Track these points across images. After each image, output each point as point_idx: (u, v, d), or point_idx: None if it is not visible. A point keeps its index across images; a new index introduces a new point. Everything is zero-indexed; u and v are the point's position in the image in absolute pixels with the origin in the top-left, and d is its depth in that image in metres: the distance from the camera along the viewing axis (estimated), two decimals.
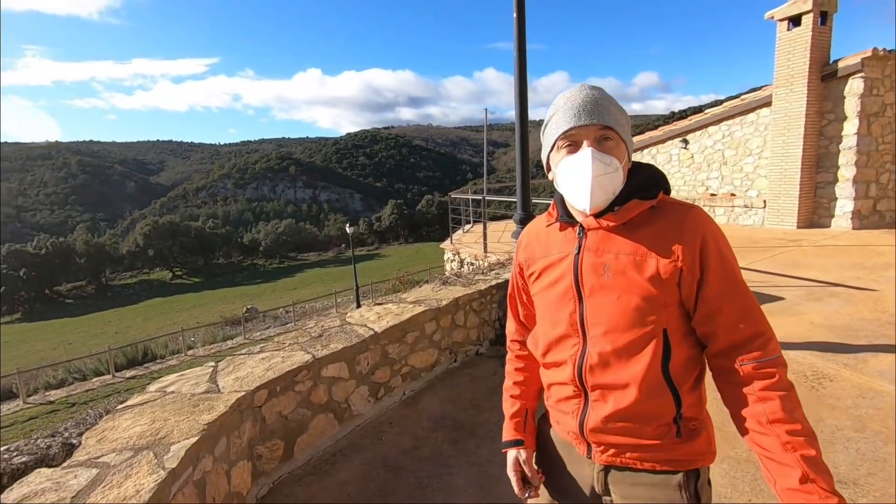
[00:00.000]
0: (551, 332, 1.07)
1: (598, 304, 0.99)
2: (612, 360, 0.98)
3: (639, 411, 0.96)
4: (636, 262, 0.97)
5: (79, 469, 1.74)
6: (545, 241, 1.13)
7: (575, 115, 0.97)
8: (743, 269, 4.06)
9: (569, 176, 0.99)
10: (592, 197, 0.96)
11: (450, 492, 2.32)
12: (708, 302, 0.95)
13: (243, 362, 2.69)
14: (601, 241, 1.01)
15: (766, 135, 9.08)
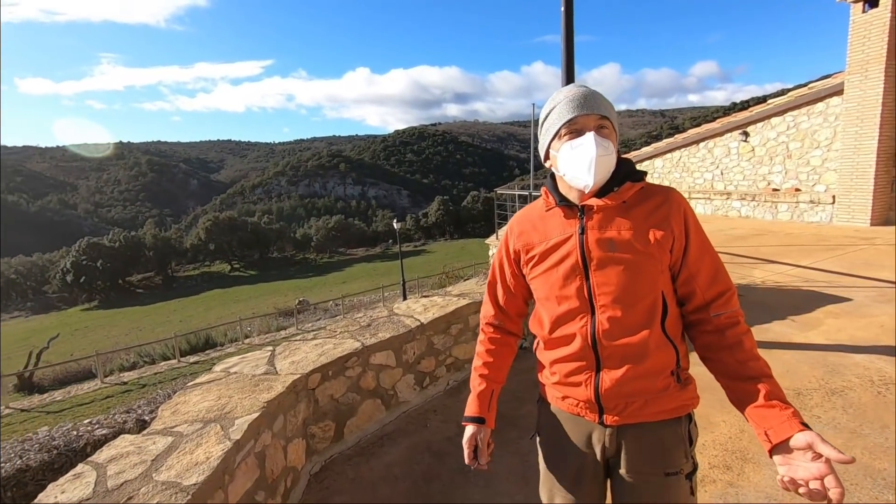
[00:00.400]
0: (557, 309, 1.17)
1: (606, 276, 1.11)
2: (622, 326, 1.09)
3: (649, 367, 1.09)
4: (638, 236, 1.10)
5: (156, 437, 1.94)
6: (541, 227, 1.22)
7: (577, 106, 1.11)
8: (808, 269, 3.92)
9: (574, 157, 1.11)
10: (595, 174, 1.09)
11: (490, 479, 2.38)
12: (690, 266, 1.13)
13: (298, 347, 2.87)
14: (603, 219, 1.13)
15: (837, 126, 8.48)
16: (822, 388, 3.01)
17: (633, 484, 1.13)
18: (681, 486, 1.12)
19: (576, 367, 1.15)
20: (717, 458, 2.41)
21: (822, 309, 4.39)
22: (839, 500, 0.87)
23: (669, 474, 1.11)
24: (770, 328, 4.05)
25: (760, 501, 2.09)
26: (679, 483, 1.12)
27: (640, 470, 1.13)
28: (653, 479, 1.12)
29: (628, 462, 1.14)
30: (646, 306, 1.09)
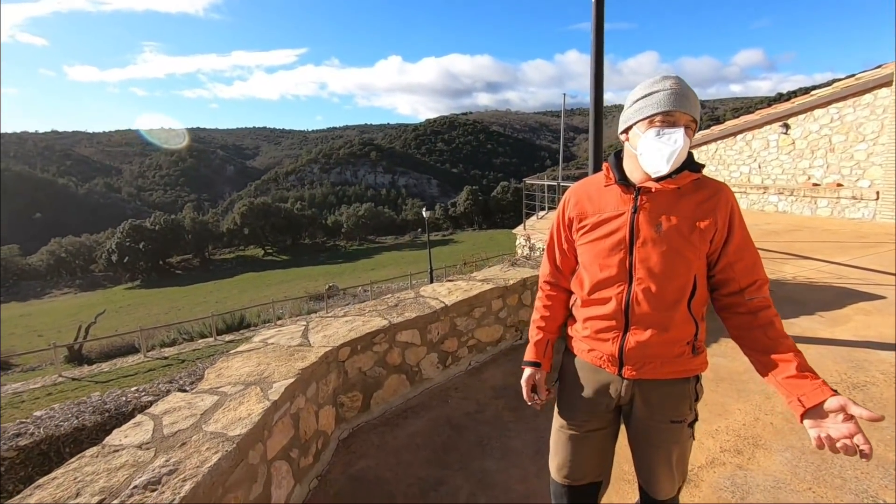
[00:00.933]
0: (599, 274, 1.32)
1: (648, 254, 1.25)
2: (654, 299, 1.25)
3: (670, 337, 1.26)
4: (685, 222, 1.24)
5: (204, 395, 2.15)
6: (597, 199, 1.35)
7: (677, 101, 1.19)
8: (842, 266, 3.97)
9: (658, 145, 1.20)
10: (672, 165, 1.19)
11: (506, 452, 2.52)
12: (730, 255, 1.26)
13: (330, 323, 3.06)
14: (656, 202, 1.26)
15: (884, 118, 8.12)
16: (844, 381, 3.02)
17: (645, 429, 1.35)
18: (683, 432, 1.34)
19: (606, 325, 1.31)
20: (729, 443, 2.47)
21: (853, 306, 4.32)
22: (869, 453, 1.01)
23: (675, 422, 1.32)
24: (796, 323, 4.03)
25: (768, 484, 2.16)
26: (682, 429, 1.33)
27: (649, 417, 1.33)
28: (661, 426, 1.33)
29: (640, 410, 1.34)
30: (678, 285, 1.25)
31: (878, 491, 2.07)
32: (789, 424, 2.60)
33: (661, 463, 1.35)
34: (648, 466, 1.38)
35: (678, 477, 1.39)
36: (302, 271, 53.00)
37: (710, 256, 1.27)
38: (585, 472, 1.42)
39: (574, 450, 1.42)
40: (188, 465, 1.61)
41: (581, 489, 1.43)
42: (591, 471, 1.43)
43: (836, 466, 2.24)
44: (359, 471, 2.44)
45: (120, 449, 1.74)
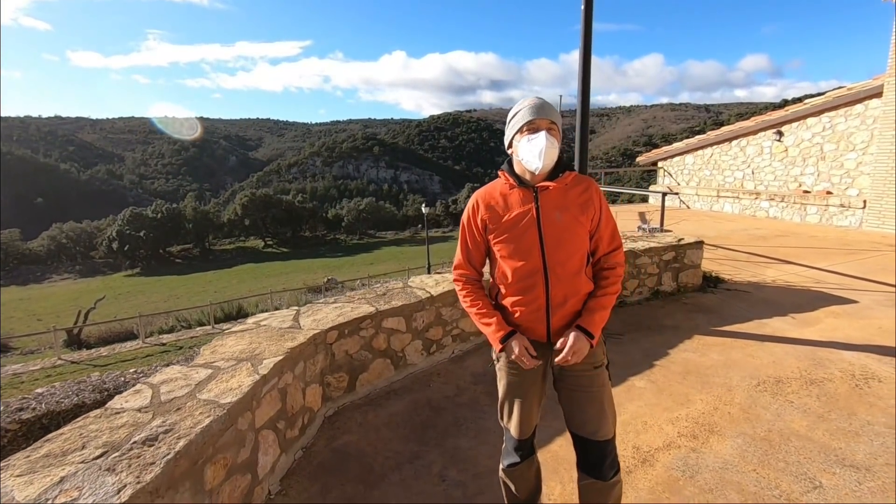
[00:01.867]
0: (519, 263, 1.60)
1: (554, 237, 1.57)
2: (567, 273, 1.58)
3: (579, 299, 1.62)
4: (576, 210, 1.59)
5: (199, 368, 2.33)
6: (503, 202, 1.64)
7: (535, 112, 1.57)
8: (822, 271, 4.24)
9: (530, 147, 1.55)
10: (543, 160, 1.52)
11: (480, 431, 2.71)
12: (600, 230, 1.65)
13: (320, 309, 3.24)
14: (550, 197, 1.60)
15: (874, 129, 8.28)
16: (803, 377, 3.20)
17: (575, 379, 1.64)
18: (603, 374, 1.65)
19: (533, 306, 1.60)
20: (686, 429, 2.66)
21: (825, 309, 4.50)
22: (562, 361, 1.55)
23: (596, 367, 1.63)
24: (768, 323, 4.20)
25: (717, 465, 2.34)
26: (602, 372, 1.65)
27: (577, 367, 1.62)
28: (587, 372, 1.63)
29: (568, 366, 1.61)
30: (579, 257, 1.60)
31: (817, 473, 2.26)
32: (745, 414, 2.79)
33: (596, 404, 1.62)
34: (586, 411, 1.62)
35: (612, 422, 1.64)
36: (301, 263, 53.20)
37: (591, 232, 1.64)
38: (532, 423, 1.73)
39: (524, 411, 1.69)
40: (182, 426, 1.79)
41: (530, 437, 1.75)
42: (535, 420, 1.74)
43: (781, 452, 2.42)
44: (341, 445, 2.63)
45: (121, 411, 1.92)
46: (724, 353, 3.62)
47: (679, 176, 13.31)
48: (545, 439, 2.51)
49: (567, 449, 2.44)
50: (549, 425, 2.47)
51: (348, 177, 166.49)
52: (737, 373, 3.30)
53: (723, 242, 7.54)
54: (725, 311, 4.52)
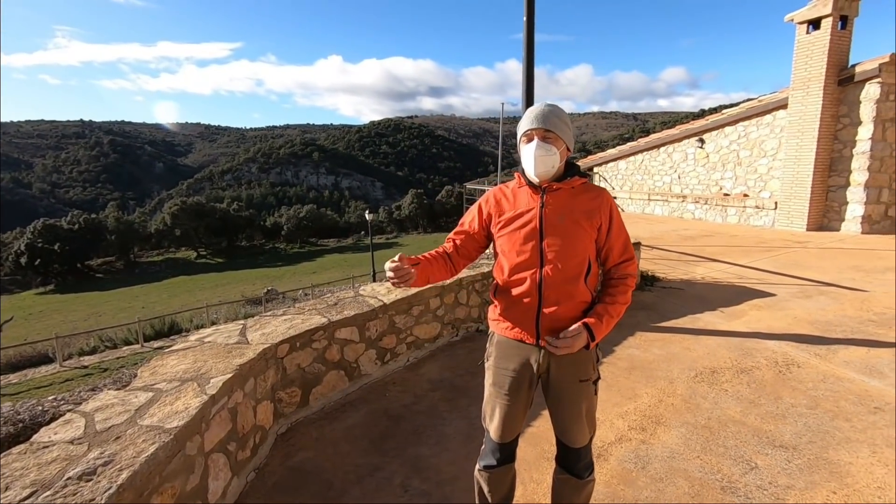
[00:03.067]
0: (516, 259, 1.63)
1: (554, 240, 1.59)
2: (561, 276, 1.58)
3: (573, 306, 1.59)
4: (580, 215, 1.59)
5: (138, 392, 2.16)
6: (512, 198, 1.71)
7: (532, 121, 1.60)
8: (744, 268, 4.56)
9: (526, 154, 1.61)
10: (537, 167, 1.57)
11: (440, 438, 2.70)
12: (610, 240, 1.65)
13: (268, 322, 3.11)
14: (557, 200, 1.62)
15: (782, 137, 9.14)
16: (734, 367, 3.45)
17: (559, 389, 1.63)
18: (590, 389, 1.65)
19: (525, 302, 1.61)
20: (635, 422, 2.79)
21: (749, 302, 4.89)
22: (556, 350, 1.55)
23: (582, 381, 1.62)
24: (701, 318, 4.51)
25: (665, 455, 2.47)
26: (588, 387, 1.64)
27: (563, 378, 1.62)
28: (572, 385, 1.62)
29: (555, 374, 1.63)
30: (577, 263, 1.59)
31: (752, 455, 2.44)
32: (687, 405, 2.97)
33: (576, 417, 1.64)
34: (564, 420, 1.66)
35: (589, 428, 1.68)
36: (238, 274, 50.79)
37: (598, 242, 1.64)
38: (515, 428, 1.72)
39: (508, 414, 1.68)
40: (124, 457, 1.65)
41: (510, 443, 1.74)
42: (519, 425, 1.73)
43: (720, 437, 2.60)
44: (297, 462, 2.53)
45: (50, 445, 1.74)
46: (664, 348, 3.84)
47: (613, 181, 14.03)
48: None
49: (527, 450, 2.49)
50: None
51: (287, 183, 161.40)
52: (677, 366, 3.51)
53: (656, 243, 8.02)
54: (662, 308, 4.80)
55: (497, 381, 1.70)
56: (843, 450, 2.46)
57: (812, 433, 2.61)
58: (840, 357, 3.56)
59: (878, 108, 7.80)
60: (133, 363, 13.30)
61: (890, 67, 7.69)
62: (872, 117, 7.84)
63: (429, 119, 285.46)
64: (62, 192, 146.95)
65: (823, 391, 3.07)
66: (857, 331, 4.07)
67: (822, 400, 2.96)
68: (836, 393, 3.04)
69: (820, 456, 2.42)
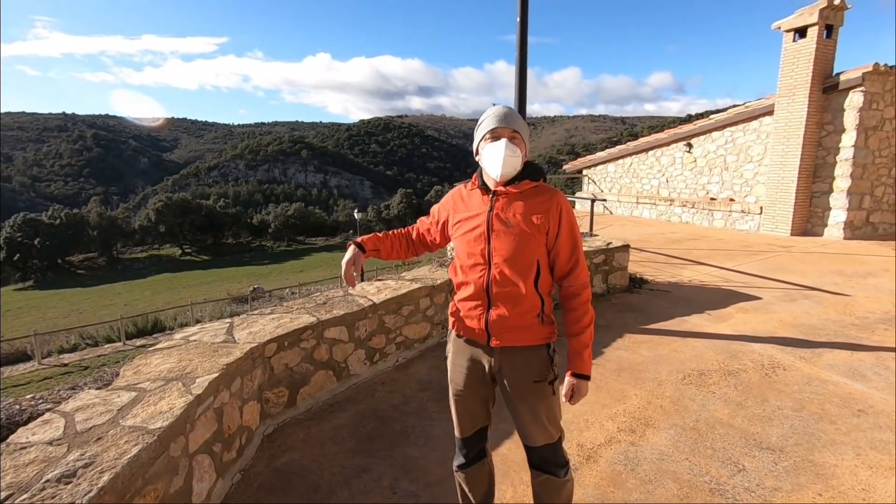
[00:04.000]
0: (467, 261, 1.66)
1: (501, 243, 1.59)
2: (507, 279, 1.59)
3: (522, 309, 1.59)
4: (527, 218, 1.58)
5: (121, 391, 2.11)
6: (466, 200, 1.73)
7: (499, 120, 1.61)
8: (730, 271, 4.58)
9: (491, 154, 1.59)
10: (503, 167, 1.57)
11: (429, 439, 2.68)
12: (558, 245, 1.62)
13: (256, 320, 3.06)
14: (506, 203, 1.62)
15: (768, 143, 9.28)
16: (722, 369, 3.48)
17: (513, 389, 1.64)
18: (544, 388, 1.63)
19: (474, 304, 1.64)
20: (624, 424, 2.79)
21: (735, 305, 4.94)
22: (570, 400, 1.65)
23: (537, 381, 1.63)
24: (688, 320, 4.55)
25: (654, 457, 2.47)
26: (544, 387, 1.63)
27: (515, 379, 1.64)
28: (525, 386, 1.63)
29: (507, 374, 1.64)
30: (524, 267, 1.59)
31: (740, 457, 2.46)
32: (675, 406, 2.98)
33: (530, 416, 1.64)
34: (521, 420, 1.67)
35: (552, 429, 1.67)
36: (224, 272, 50.18)
37: (548, 246, 1.63)
38: (475, 423, 1.75)
39: (463, 409, 1.73)
40: (105, 458, 1.60)
41: (473, 436, 1.77)
42: (479, 421, 1.76)
43: (708, 440, 2.62)
44: (283, 463, 2.48)
45: (28, 446, 1.68)
46: (652, 350, 3.87)
47: (602, 183, 14.12)
48: (494, 443, 2.53)
49: (516, 452, 2.48)
50: (497, 427, 2.48)
51: (274, 181, 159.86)
52: (665, 367, 3.53)
53: (644, 245, 8.08)
54: (650, 310, 4.83)
55: (453, 378, 1.74)
56: (828, 452, 2.49)
57: (798, 435, 2.64)
58: (824, 360, 3.61)
59: (861, 116, 7.95)
60: (115, 362, 13.05)
61: (873, 77, 7.85)
62: (856, 125, 8.00)
63: (419, 119, 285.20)
64: (43, 186, 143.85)
65: (808, 394, 3.11)
66: (840, 334, 4.13)
67: (808, 402, 3.00)
68: (821, 395, 3.08)
69: (806, 458, 2.45)
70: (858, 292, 5.33)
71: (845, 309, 4.78)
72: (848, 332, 4.16)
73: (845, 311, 4.73)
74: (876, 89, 7.97)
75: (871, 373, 3.39)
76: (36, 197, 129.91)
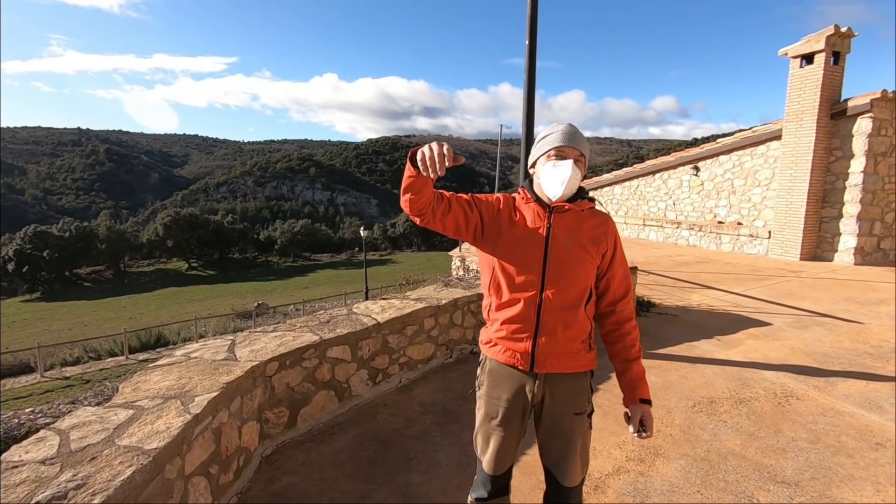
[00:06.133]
0: (516, 279, 1.52)
1: (559, 261, 1.50)
2: (561, 300, 1.50)
3: (572, 334, 1.52)
4: (587, 240, 1.53)
5: (118, 409, 2.07)
6: (520, 210, 1.60)
7: (567, 139, 1.52)
8: (739, 296, 4.49)
9: (554, 173, 1.50)
10: (566, 189, 1.48)
11: (432, 465, 2.60)
12: (612, 269, 1.59)
13: (258, 338, 3.02)
14: (564, 221, 1.54)
15: (775, 167, 9.26)
16: (733, 397, 3.39)
17: (553, 421, 1.56)
18: (584, 422, 1.57)
19: (521, 325, 1.52)
20: (633, 453, 2.70)
21: (745, 331, 4.85)
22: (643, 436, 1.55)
23: (577, 414, 1.55)
24: (698, 345, 4.46)
25: (664, 489, 2.38)
26: (583, 420, 1.57)
27: (558, 410, 1.55)
28: (567, 418, 1.55)
29: (549, 405, 1.56)
30: (580, 290, 1.52)
31: (754, 491, 2.36)
32: (685, 435, 2.89)
33: (570, 452, 1.54)
34: (559, 456, 1.56)
35: (582, 466, 1.59)
36: (229, 287, 50.35)
37: (599, 269, 1.58)
38: (507, 461, 1.63)
39: (503, 447, 1.59)
40: (98, 480, 1.55)
41: (503, 475, 1.65)
42: (511, 459, 1.64)
43: (721, 471, 2.52)
44: (281, 487, 2.41)
45: (20, 465, 1.64)
46: (661, 376, 3.78)
47: (608, 205, 14.11)
48: None
49: (522, 480, 2.40)
50: None
51: (282, 198, 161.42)
52: (674, 394, 3.44)
53: (651, 268, 8.01)
54: (659, 335, 4.75)
55: (489, 412, 1.60)
56: (846, 487, 2.39)
57: (814, 469, 2.54)
58: (839, 390, 3.51)
59: (869, 142, 7.93)
60: (117, 376, 12.99)
61: (881, 103, 7.85)
62: (864, 151, 7.97)
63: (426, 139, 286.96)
64: (55, 199, 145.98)
65: (823, 425, 3.01)
66: (854, 363, 4.03)
67: (823, 434, 2.90)
68: (837, 427, 2.98)
69: (823, 493, 2.35)
70: (872, 320, 5.22)
71: (859, 337, 4.67)
72: (863, 361, 4.06)
73: (859, 339, 4.62)
74: (884, 115, 7.96)
75: (887, 404, 3.28)
76: (47, 209, 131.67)
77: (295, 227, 77.49)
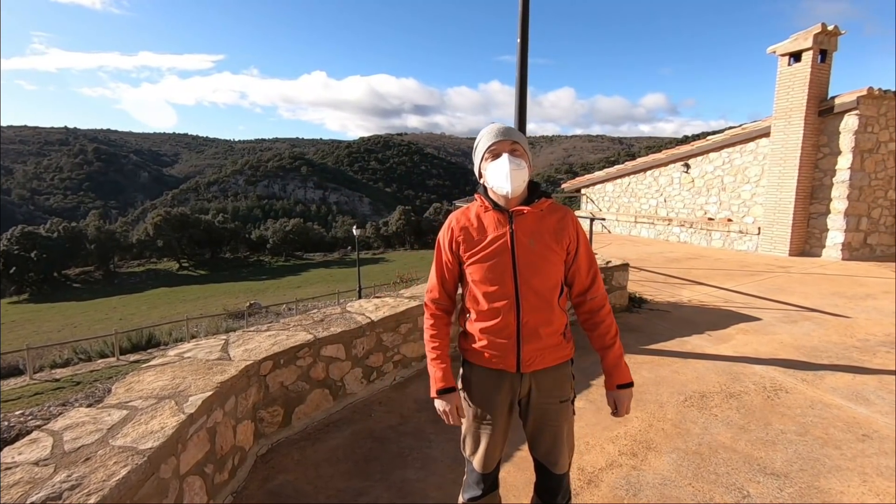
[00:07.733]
0: (490, 288, 1.55)
1: (528, 264, 1.53)
2: (538, 300, 1.54)
3: (552, 330, 1.57)
4: (550, 238, 1.56)
5: (111, 410, 2.06)
6: (478, 223, 1.61)
7: (495, 135, 1.57)
8: (729, 291, 4.55)
9: (495, 171, 1.54)
10: (512, 182, 1.50)
11: (426, 461, 2.61)
12: (577, 261, 1.62)
13: (252, 337, 3.01)
14: (525, 223, 1.56)
15: (765, 164, 9.36)
16: (723, 391, 3.43)
17: (541, 411, 1.61)
18: (568, 408, 1.65)
19: (503, 332, 1.55)
20: (626, 447, 2.74)
21: (735, 326, 4.91)
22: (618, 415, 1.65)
23: (563, 401, 1.62)
24: (689, 341, 4.51)
25: (656, 482, 2.42)
26: (568, 407, 1.64)
27: (544, 401, 1.61)
28: (553, 406, 1.61)
29: (535, 397, 1.60)
30: (551, 285, 1.57)
31: (744, 483, 2.40)
32: (677, 429, 2.93)
33: (558, 438, 1.61)
34: (549, 444, 1.62)
35: (569, 451, 1.66)
36: (221, 287, 49.97)
37: (566, 262, 1.62)
38: (497, 456, 1.67)
39: (492, 443, 1.63)
40: (93, 480, 1.55)
41: (494, 471, 1.69)
42: (500, 454, 1.68)
43: (711, 464, 2.56)
44: (277, 486, 2.42)
45: (13, 466, 1.63)
46: (653, 371, 3.82)
47: (601, 202, 14.19)
48: None
49: (516, 476, 2.43)
50: None
51: (274, 196, 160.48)
52: (666, 389, 3.48)
53: (643, 265, 8.07)
54: (650, 330, 4.79)
55: (477, 413, 1.64)
56: (834, 478, 2.44)
57: (803, 461, 2.59)
58: (827, 383, 3.57)
59: (856, 138, 8.04)
60: (108, 377, 12.88)
61: (868, 101, 7.96)
62: (851, 148, 8.08)
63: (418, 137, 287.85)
64: (42, 199, 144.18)
65: (812, 417, 3.06)
66: (841, 357, 4.09)
67: (812, 426, 2.95)
68: (825, 420, 3.03)
69: (811, 484, 2.39)
70: (859, 314, 5.31)
71: (846, 331, 4.74)
72: (850, 355, 4.13)
73: (846, 333, 4.70)
74: (871, 113, 8.07)
75: (874, 396, 3.35)
76: (35, 210, 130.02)
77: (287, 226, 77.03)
